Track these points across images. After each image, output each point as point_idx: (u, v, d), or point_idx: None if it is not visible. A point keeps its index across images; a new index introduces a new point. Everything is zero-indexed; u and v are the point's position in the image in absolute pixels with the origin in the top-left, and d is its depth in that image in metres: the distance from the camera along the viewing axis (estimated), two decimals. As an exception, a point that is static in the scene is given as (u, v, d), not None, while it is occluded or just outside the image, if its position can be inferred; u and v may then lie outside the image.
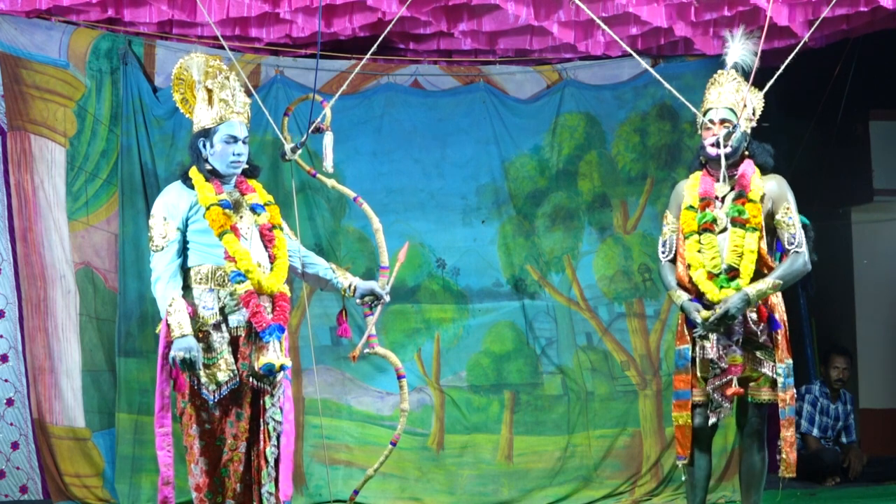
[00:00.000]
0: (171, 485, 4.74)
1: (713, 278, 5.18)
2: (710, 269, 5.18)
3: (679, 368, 5.27)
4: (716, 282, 5.17)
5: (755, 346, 5.24)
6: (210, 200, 4.74)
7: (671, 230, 5.37)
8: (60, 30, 6.95)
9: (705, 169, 5.34)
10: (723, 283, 5.16)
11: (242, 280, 4.69)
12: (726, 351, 5.18)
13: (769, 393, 5.26)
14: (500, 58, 7.60)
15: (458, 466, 7.33)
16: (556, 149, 7.57)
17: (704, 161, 5.34)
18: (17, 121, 6.88)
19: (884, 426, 9.00)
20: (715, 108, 5.26)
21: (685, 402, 5.25)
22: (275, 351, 4.72)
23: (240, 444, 4.74)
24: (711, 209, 5.23)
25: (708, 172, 5.32)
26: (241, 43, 7.15)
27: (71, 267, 6.96)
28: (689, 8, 6.69)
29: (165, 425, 4.74)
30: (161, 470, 4.76)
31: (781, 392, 5.23)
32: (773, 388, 5.25)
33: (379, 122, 7.43)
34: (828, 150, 8.63)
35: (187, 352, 4.59)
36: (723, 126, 5.23)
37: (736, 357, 5.18)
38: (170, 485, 4.74)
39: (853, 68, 7.95)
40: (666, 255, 5.37)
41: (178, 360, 4.60)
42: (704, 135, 5.27)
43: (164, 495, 4.74)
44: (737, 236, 5.18)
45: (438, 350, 7.44)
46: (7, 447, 6.99)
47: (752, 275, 5.17)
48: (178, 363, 4.61)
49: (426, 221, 7.44)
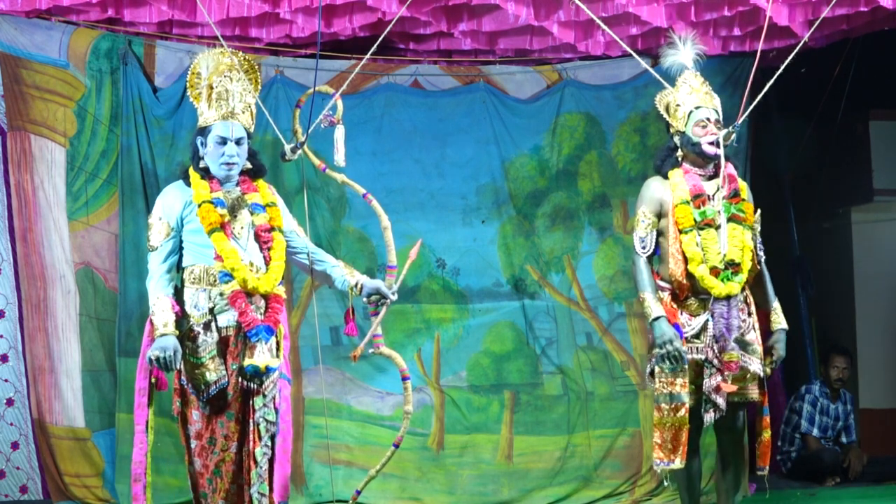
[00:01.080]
0: (140, 483, 4.71)
1: (716, 273, 5.19)
2: (713, 263, 5.19)
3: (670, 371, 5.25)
4: (720, 276, 5.18)
5: (743, 345, 5.25)
6: (202, 197, 4.74)
7: (650, 226, 5.35)
8: (60, 30, 6.95)
9: (684, 166, 5.34)
10: (727, 277, 5.17)
11: (230, 279, 4.68)
12: (722, 347, 5.19)
13: (757, 392, 5.29)
14: (500, 58, 7.60)
15: (458, 466, 7.33)
16: (556, 149, 7.57)
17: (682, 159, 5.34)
18: (17, 121, 6.88)
19: (884, 426, 9.00)
20: (704, 108, 5.28)
21: (679, 405, 5.23)
22: (263, 352, 4.69)
23: (231, 445, 4.73)
24: (707, 206, 5.25)
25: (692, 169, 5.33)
26: (241, 43, 7.14)
27: (71, 267, 6.96)
28: (689, 8, 6.69)
29: (140, 423, 4.74)
30: (133, 468, 4.75)
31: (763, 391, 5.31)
32: (761, 385, 5.28)
33: (379, 122, 7.43)
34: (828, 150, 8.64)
35: (162, 351, 4.59)
36: (715, 125, 5.26)
37: (732, 354, 5.19)
38: (139, 482, 4.71)
39: (853, 68, 7.95)
40: (646, 250, 5.36)
41: (153, 359, 4.60)
42: (698, 132, 5.27)
43: (135, 492, 4.72)
44: (737, 232, 5.21)
45: (438, 350, 7.44)
46: (7, 447, 6.99)
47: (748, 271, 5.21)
48: (153, 362, 4.61)
49: (426, 221, 7.43)
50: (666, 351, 5.16)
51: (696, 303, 5.24)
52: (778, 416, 8.11)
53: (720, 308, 5.19)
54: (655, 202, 5.34)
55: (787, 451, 8.18)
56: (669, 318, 5.21)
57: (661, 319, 5.20)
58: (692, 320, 5.25)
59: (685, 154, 5.34)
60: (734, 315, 5.19)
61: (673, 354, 5.15)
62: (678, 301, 5.28)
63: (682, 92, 5.35)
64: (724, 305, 5.19)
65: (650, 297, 5.25)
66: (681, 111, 5.34)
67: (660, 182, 5.37)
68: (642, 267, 5.33)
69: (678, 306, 5.27)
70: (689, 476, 5.36)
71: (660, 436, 5.24)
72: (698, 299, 5.24)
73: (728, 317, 5.18)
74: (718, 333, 5.19)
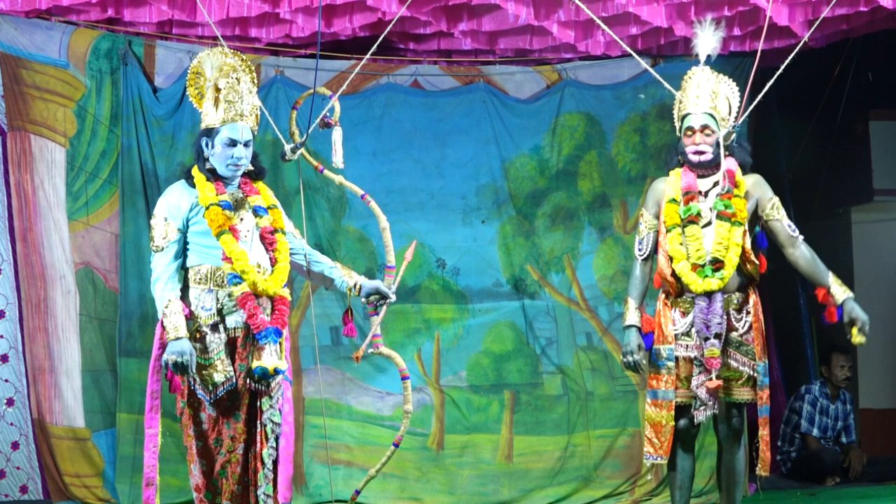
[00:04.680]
0: (153, 486, 4.72)
1: (696, 269, 5.18)
2: (695, 260, 5.18)
3: (659, 368, 5.26)
4: (699, 273, 5.18)
5: (735, 344, 5.24)
6: (210, 200, 4.73)
7: (648, 228, 5.36)
8: (60, 30, 6.95)
9: (685, 166, 5.35)
10: (706, 274, 5.16)
11: (239, 282, 4.68)
12: (704, 344, 5.18)
13: (749, 392, 5.28)
14: (499, 58, 7.60)
15: (458, 466, 7.33)
16: (556, 149, 7.57)
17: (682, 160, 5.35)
18: (17, 121, 6.88)
19: (884, 426, 9.00)
20: (694, 115, 5.26)
21: (668, 403, 5.24)
22: (271, 354, 4.70)
23: (237, 446, 4.73)
24: (696, 203, 5.25)
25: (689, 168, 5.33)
26: (241, 43, 7.14)
27: (71, 267, 6.96)
28: (689, 8, 6.70)
29: (153, 426, 4.73)
30: (144, 471, 4.75)
31: (759, 390, 5.26)
32: (753, 387, 5.27)
33: (379, 122, 7.43)
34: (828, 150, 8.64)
35: (180, 355, 4.59)
36: (703, 133, 5.24)
37: (714, 350, 5.18)
38: (152, 486, 4.72)
39: (853, 68, 7.95)
40: (642, 253, 5.37)
41: (171, 364, 4.59)
42: (686, 141, 5.28)
43: (147, 496, 4.73)
44: (723, 229, 5.19)
45: (438, 350, 7.44)
46: (7, 447, 6.99)
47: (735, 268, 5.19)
48: (170, 366, 4.61)
49: (426, 221, 7.43)
50: (627, 361, 5.28)
51: (687, 300, 5.24)
52: (778, 416, 8.11)
53: (700, 304, 5.19)
54: (654, 203, 5.35)
55: (787, 451, 8.18)
56: (646, 327, 5.27)
57: (630, 329, 5.29)
58: (683, 318, 5.25)
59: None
60: (716, 312, 5.18)
61: (632, 365, 5.25)
62: (672, 299, 5.29)
63: (686, 90, 5.33)
64: (705, 301, 5.18)
65: (631, 304, 5.32)
66: (677, 113, 5.35)
67: (661, 182, 5.38)
68: (636, 270, 5.36)
69: (672, 304, 5.28)
70: (680, 475, 5.35)
71: (648, 430, 5.28)
72: (689, 297, 5.23)
73: (707, 313, 5.18)
74: (698, 329, 5.19)
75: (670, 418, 5.23)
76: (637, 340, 5.26)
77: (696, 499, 6.84)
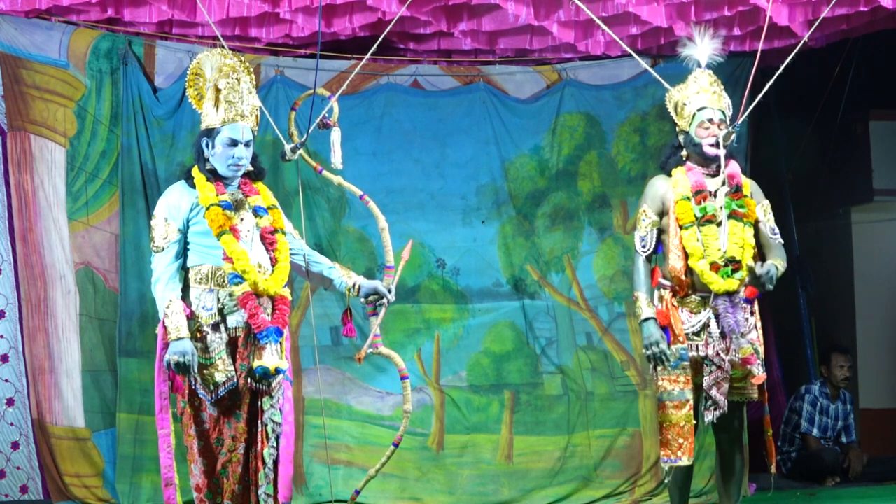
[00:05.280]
0: (172, 486, 4.75)
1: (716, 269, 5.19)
2: (716, 259, 5.19)
3: (674, 368, 5.25)
4: (721, 272, 5.18)
5: None
6: (210, 200, 4.73)
7: (651, 224, 5.36)
8: (60, 30, 6.95)
9: (689, 164, 5.35)
10: (727, 274, 5.17)
11: (240, 282, 4.69)
12: (736, 345, 5.18)
13: (757, 391, 5.30)
14: (499, 58, 7.60)
15: (458, 466, 7.33)
16: (556, 149, 7.57)
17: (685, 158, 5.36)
18: (17, 121, 6.88)
19: (884, 426, 9.00)
20: (710, 108, 5.28)
21: (685, 403, 5.24)
22: (272, 354, 4.70)
23: (238, 446, 4.73)
24: (709, 202, 5.26)
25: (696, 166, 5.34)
26: (241, 43, 7.15)
27: (71, 267, 6.96)
28: (689, 8, 6.70)
29: (165, 427, 4.75)
30: (162, 472, 4.77)
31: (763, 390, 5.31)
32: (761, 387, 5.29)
33: (379, 122, 7.43)
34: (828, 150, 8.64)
35: (182, 356, 4.60)
36: (719, 126, 5.26)
37: (745, 349, 5.19)
38: (171, 486, 4.75)
39: (853, 68, 7.95)
40: (646, 249, 5.37)
41: (173, 364, 4.60)
42: (701, 133, 5.28)
43: (167, 496, 4.75)
44: (737, 229, 5.21)
45: (438, 350, 7.44)
46: (7, 447, 6.99)
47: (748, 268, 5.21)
48: (172, 366, 4.61)
49: (426, 221, 7.44)
50: (651, 352, 5.21)
51: (696, 300, 5.24)
52: (778, 416, 8.11)
53: (724, 304, 5.19)
54: (657, 200, 5.34)
55: (787, 451, 8.18)
56: (661, 320, 5.23)
57: (649, 321, 5.24)
58: (692, 318, 5.25)
59: (689, 154, 5.35)
60: (739, 311, 5.19)
61: (658, 356, 5.19)
62: (679, 299, 5.28)
63: (689, 91, 5.35)
64: (727, 302, 5.19)
65: (643, 298, 5.28)
66: (686, 110, 5.34)
67: (663, 180, 5.38)
68: (640, 266, 5.34)
69: (679, 304, 5.27)
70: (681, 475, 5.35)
71: (666, 434, 5.25)
72: (698, 297, 5.24)
73: (734, 313, 5.18)
74: (728, 330, 5.19)
75: (690, 418, 5.22)
76: (659, 332, 5.21)
77: (695, 499, 6.84)
